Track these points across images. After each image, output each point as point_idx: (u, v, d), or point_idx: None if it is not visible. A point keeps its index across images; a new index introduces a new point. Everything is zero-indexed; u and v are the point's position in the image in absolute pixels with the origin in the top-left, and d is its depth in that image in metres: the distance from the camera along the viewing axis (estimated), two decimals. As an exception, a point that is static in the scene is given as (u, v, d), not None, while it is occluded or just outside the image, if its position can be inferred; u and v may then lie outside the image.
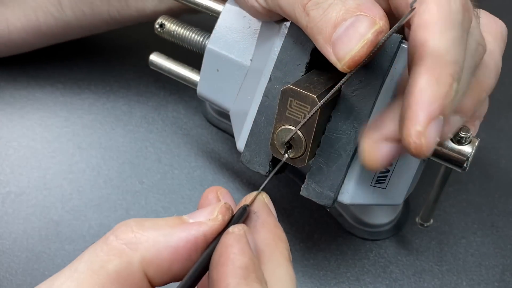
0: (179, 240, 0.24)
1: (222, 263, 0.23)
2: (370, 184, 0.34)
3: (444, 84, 0.27)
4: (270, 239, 0.26)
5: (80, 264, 0.24)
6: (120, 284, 0.23)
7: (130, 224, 0.25)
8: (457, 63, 0.27)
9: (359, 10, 0.27)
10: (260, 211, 0.27)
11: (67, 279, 0.24)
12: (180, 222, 0.25)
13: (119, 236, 0.24)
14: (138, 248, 0.24)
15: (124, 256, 0.24)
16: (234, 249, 0.24)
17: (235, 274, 0.23)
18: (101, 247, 0.24)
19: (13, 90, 0.51)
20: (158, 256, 0.24)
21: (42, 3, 0.46)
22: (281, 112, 0.30)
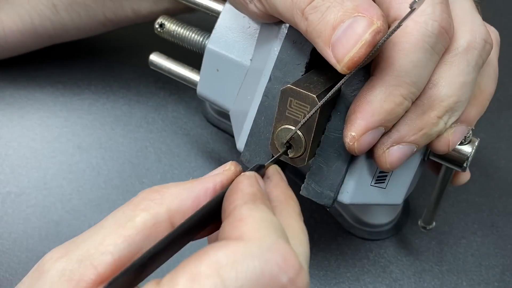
0: (199, 190, 0.26)
1: (232, 192, 0.25)
2: (370, 184, 0.34)
3: (392, 102, 0.29)
4: (282, 197, 0.28)
5: (105, 222, 0.25)
6: (145, 235, 0.24)
7: (153, 187, 0.26)
8: (413, 84, 0.29)
9: (356, 11, 0.27)
10: (273, 176, 0.29)
11: (93, 234, 0.25)
12: (198, 179, 0.27)
13: (144, 196, 0.26)
14: (163, 202, 0.25)
15: (151, 209, 0.25)
16: (243, 182, 0.26)
17: (243, 198, 0.25)
18: (127, 206, 0.25)
19: (13, 90, 0.51)
20: (182, 206, 0.25)
21: (36, 6, 0.46)
22: (281, 111, 0.30)
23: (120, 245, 0.24)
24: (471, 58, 0.31)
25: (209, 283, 0.21)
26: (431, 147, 0.33)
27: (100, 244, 0.24)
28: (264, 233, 0.23)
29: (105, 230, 0.24)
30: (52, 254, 0.24)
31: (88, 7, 0.46)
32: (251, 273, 0.21)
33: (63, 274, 0.23)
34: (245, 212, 0.24)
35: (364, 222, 0.45)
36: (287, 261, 0.22)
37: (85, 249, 0.24)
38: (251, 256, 0.22)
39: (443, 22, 0.29)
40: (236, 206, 0.24)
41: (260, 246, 0.22)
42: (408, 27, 0.29)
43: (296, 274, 0.22)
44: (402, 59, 0.29)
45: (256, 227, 0.23)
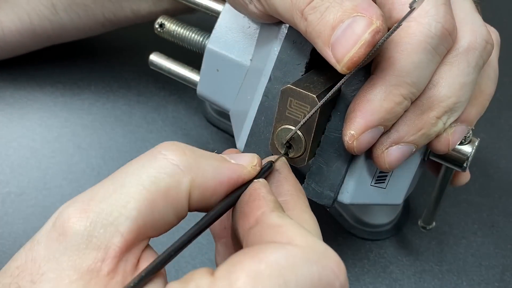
0: (224, 176, 0.26)
1: (254, 199, 0.25)
2: (370, 184, 0.34)
3: (391, 101, 0.29)
4: (293, 190, 0.28)
5: (126, 178, 0.24)
6: (167, 201, 0.24)
7: (181, 146, 0.25)
8: (413, 85, 0.29)
9: (355, 11, 0.27)
10: (282, 169, 0.29)
11: (113, 192, 0.24)
12: (224, 160, 0.27)
13: (169, 156, 0.25)
14: (190, 171, 0.25)
15: (176, 175, 0.24)
16: (263, 190, 0.26)
17: (267, 205, 0.25)
18: (150, 163, 0.24)
19: (13, 90, 0.51)
20: (204, 184, 0.25)
21: (35, 6, 0.46)
22: (281, 111, 0.30)
23: (144, 211, 0.23)
24: (472, 59, 0.31)
25: (272, 283, 0.21)
26: (431, 147, 0.33)
27: (124, 207, 0.23)
28: (312, 239, 0.23)
29: (128, 190, 0.23)
30: (70, 212, 0.23)
31: (87, 7, 0.46)
32: (311, 277, 0.22)
33: (90, 241, 0.22)
34: (277, 219, 0.24)
35: (364, 222, 0.45)
36: (340, 267, 0.23)
37: (109, 210, 0.23)
38: (310, 261, 0.22)
39: (447, 24, 0.29)
40: (264, 213, 0.24)
41: (316, 252, 0.23)
42: (411, 27, 0.29)
43: (345, 280, 0.23)
44: (403, 59, 0.29)
45: (302, 233, 0.23)
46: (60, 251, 0.23)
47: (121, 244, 0.23)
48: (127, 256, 0.23)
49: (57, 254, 0.23)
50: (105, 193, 0.24)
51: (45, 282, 0.22)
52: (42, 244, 0.23)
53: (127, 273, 0.23)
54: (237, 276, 0.21)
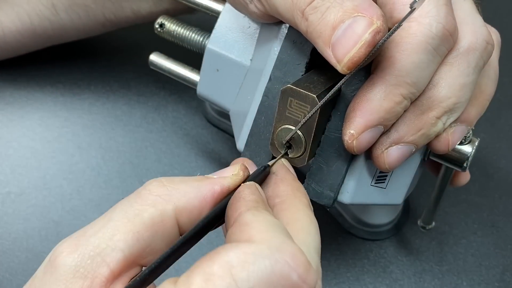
0: (206, 191, 0.27)
1: (235, 200, 0.26)
2: (370, 184, 0.34)
3: (391, 101, 0.29)
4: (288, 190, 0.28)
5: (113, 214, 0.25)
6: (153, 231, 0.25)
7: (161, 180, 0.27)
8: (413, 85, 0.29)
9: (356, 11, 0.27)
10: (279, 171, 0.30)
11: (102, 227, 0.25)
12: (206, 178, 0.28)
13: (152, 190, 0.26)
14: (171, 198, 0.26)
15: (159, 205, 0.25)
16: (245, 192, 0.26)
17: (246, 205, 0.25)
18: (135, 199, 0.26)
19: (13, 90, 0.51)
20: (189, 205, 0.26)
21: (36, 7, 0.46)
22: (281, 111, 0.30)
23: (129, 241, 0.24)
24: (472, 59, 0.31)
25: (223, 283, 0.22)
26: (431, 147, 0.33)
27: (110, 239, 0.24)
28: (271, 234, 0.23)
29: (114, 224, 0.25)
30: (62, 247, 0.25)
31: (87, 7, 0.46)
32: (262, 272, 0.22)
33: (77, 271, 0.24)
34: (250, 217, 0.24)
35: (364, 222, 0.45)
36: (296, 259, 0.23)
37: (96, 243, 0.24)
38: (261, 257, 0.22)
39: (448, 25, 0.29)
40: (241, 213, 0.25)
41: (269, 246, 0.23)
42: (411, 28, 0.29)
43: (305, 271, 0.23)
44: (403, 59, 0.29)
45: (262, 230, 0.23)
46: (51, 282, 0.24)
47: (107, 273, 0.24)
48: (114, 284, 0.24)
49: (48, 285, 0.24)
50: (95, 228, 0.25)
51: None
52: (38, 278, 0.25)
53: None
54: (193, 279, 0.22)
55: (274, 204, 0.27)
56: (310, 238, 0.26)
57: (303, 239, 0.25)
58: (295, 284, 0.22)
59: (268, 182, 0.29)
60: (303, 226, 0.26)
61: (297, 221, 0.26)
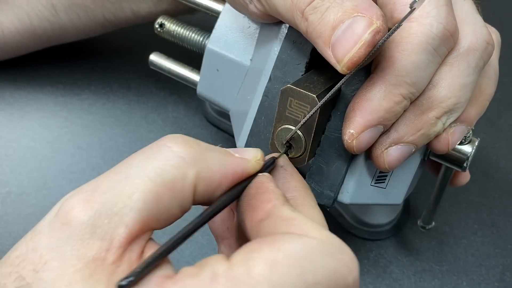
0: (228, 169, 0.26)
1: (262, 192, 0.26)
2: (370, 183, 0.34)
3: (391, 100, 0.29)
4: (300, 186, 0.28)
5: (130, 169, 0.24)
6: (173, 195, 0.24)
7: (186, 138, 0.25)
8: (413, 85, 0.29)
9: (356, 11, 0.27)
10: (286, 165, 0.29)
11: (117, 183, 0.23)
12: (229, 153, 0.26)
13: (175, 147, 0.24)
14: (195, 163, 0.24)
15: (182, 168, 0.24)
16: (270, 184, 0.26)
17: (278, 198, 0.25)
18: (155, 155, 0.24)
19: (13, 90, 0.51)
20: (210, 177, 0.25)
21: (35, 7, 0.46)
22: (281, 111, 0.30)
23: (149, 202, 0.23)
24: (472, 60, 0.31)
25: (290, 272, 0.21)
26: (431, 147, 0.33)
27: (129, 198, 0.23)
28: (327, 233, 0.23)
29: (132, 181, 0.23)
30: (73, 202, 0.23)
31: (87, 8, 0.46)
32: (327, 269, 0.22)
33: (94, 231, 0.22)
34: (291, 213, 0.24)
35: (364, 222, 0.45)
36: (354, 263, 0.23)
37: (113, 200, 0.23)
38: (327, 254, 0.22)
39: (448, 25, 0.29)
40: (276, 205, 0.25)
41: (333, 245, 0.23)
42: (412, 28, 0.29)
43: (357, 275, 0.23)
44: (404, 59, 0.29)
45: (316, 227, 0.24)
46: (63, 240, 0.22)
47: (126, 234, 0.22)
48: (132, 246, 0.23)
49: (60, 243, 0.22)
50: (109, 183, 0.24)
51: (48, 271, 0.22)
52: (44, 233, 0.23)
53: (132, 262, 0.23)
54: (254, 263, 0.21)
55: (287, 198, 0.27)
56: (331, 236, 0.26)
57: None
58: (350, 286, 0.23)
59: (276, 176, 0.29)
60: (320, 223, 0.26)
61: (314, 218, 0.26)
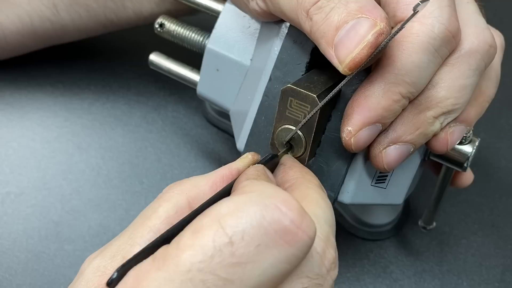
0: (216, 177, 0.27)
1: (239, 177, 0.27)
2: (371, 183, 0.34)
3: (389, 99, 0.29)
4: (298, 174, 0.29)
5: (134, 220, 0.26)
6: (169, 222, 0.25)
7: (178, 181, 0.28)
8: (413, 84, 0.29)
9: (360, 13, 0.27)
10: (286, 161, 0.30)
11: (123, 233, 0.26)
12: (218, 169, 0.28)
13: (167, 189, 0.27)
14: (183, 191, 0.27)
15: (172, 199, 0.26)
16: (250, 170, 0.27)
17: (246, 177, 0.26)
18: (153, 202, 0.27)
19: (13, 90, 0.51)
20: (200, 192, 0.27)
21: (36, 7, 0.46)
22: (281, 111, 0.30)
23: (146, 235, 0.25)
24: (473, 62, 0.31)
25: (210, 232, 0.21)
26: (430, 147, 0.33)
27: (130, 238, 0.25)
28: (263, 185, 0.23)
29: (133, 225, 0.26)
30: (89, 256, 0.26)
31: (89, 7, 0.46)
32: (252, 218, 0.21)
33: (98, 270, 0.24)
34: (248, 182, 0.25)
35: (364, 222, 0.45)
36: (287, 204, 0.22)
37: (117, 245, 0.25)
38: (251, 203, 0.22)
39: (451, 26, 0.29)
40: (240, 182, 0.25)
41: (260, 194, 0.22)
42: (414, 27, 0.29)
43: (299, 216, 0.22)
44: (404, 58, 0.29)
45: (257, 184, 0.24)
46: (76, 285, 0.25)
47: None
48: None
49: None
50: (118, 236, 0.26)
51: None
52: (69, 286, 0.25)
53: None
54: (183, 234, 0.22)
55: (285, 189, 0.28)
56: (321, 211, 0.26)
57: (313, 211, 0.25)
58: (288, 229, 0.22)
59: (277, 172, 0.29)
60: (313, 200, 0.26)
61: (307, 196, 0.26)
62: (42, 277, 0.41)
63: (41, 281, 0.41)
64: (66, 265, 0.42)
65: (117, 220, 0.44)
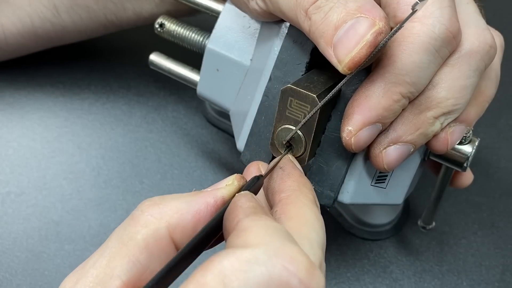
0: (200, 204, 0.26)
1: (232, 210, 0.25)
2: (370, 183, 0.34)
3: (389, 99, 0.29)
4: (295, 185, 0.27)
5: (109, 241, 0.25)
6: (149, 253, 0.24)
7: (153, 199, 0.26)
8: (413, 84, 0.29)
9: (359, 12, 0.28)
10: (286, 166, 0.29)
11: (100, 256, 0.25)
12: (199, 192, 0.27)
13: (144, 210, 0.25)
14: (163, 217, 0.25)
15: (151, 225, 0.25)
16: (241, 200, 0.25)
17: (244, 212, 0.24)
18: (128, 222, 0.25)
19: (13, 90, 0.51)
20: (182, 221, 0.25)
21: (37, 8, 0.46)
22: (281, 111, 0.30)
23: (126, 266, 0.24)
24: (473, 62, 0.31)
25: None
26: (430, 147, 0.33)
27: (108, 267, 0.24)
28: (269, 238, 0.22)
29: (110, 251, 0.24)
30: (65, 283, 0.24)
31: (89, 9, 0.46)
32: (258, 280, 0.21)
33: None
34: (248, 222, 0.23)
35: (364, 222, 0.45)
36: (296, 263, 0.21)
37: (95, 274, 0.24)
38: (257, 263, 0.21)
39: (451, 27, 0.29)
40: (239, 220, 0.24)
41: (266, 251, 0.21)
42: (415, 28, 0.29)
43: (308, 276, 0.21)
44: (404, 58, 0.29)
45: (261, 233, 0.22)
46: None
47: None
48: None
49: None
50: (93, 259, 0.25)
51: None
52: None
53: None
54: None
55: (280, 199, 0.27)
56: (315, 233, 0.25)
57: (307, 234, 0.24)
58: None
59: (274, 177, 0.29)
60: (307, 220, 0.25)
61: (301, 216, 0.25)
62: (42, 277, 0.41)
63: (41, 281, 0.41)
64: (66, 265, 0.42)
65: (117, 220, 0.44)
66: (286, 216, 0.25)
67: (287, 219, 0.25)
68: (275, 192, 0.28)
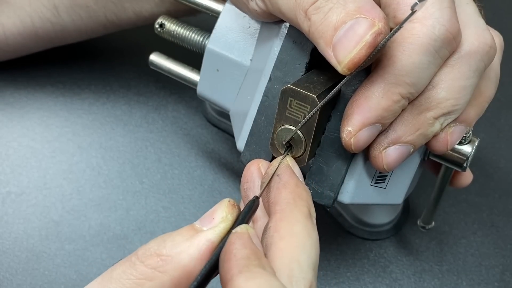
0: (199, 249, 0.25)
1: (227, 259, 0.24)
2: (370, 183, 0.34)
3: (389, 99, 0.29)
4: (290, 198, 0.27)
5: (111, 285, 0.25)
6: None
7: (152, 248, 0.26)
8: (412, 85, 0.29)
9: (358, 13, 0.28)
10: (283, 174, 0.29)
11: None
12: (194, 232, 0.26)
13: (146, 262, 0.25)
14: (166, 270, 0.25)
15: (156, 279, 0.25)
16: (236, 245, 0.25)
17: (237, 266, 0.24)
18: (130, 271, 0.25)
19: (13, 90, 0.51)
20: (185, 270, 0.25)
21: (37, 8, 0.46)
22: (281, 112, 0.30)
23: None
24: (473, 63, 0.31)
25: None
26: (430, 147, 0.33)
27: None
28: None
29: None
30: None
31: (89, 9, 0.46)
32: None
33: None
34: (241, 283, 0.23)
35: (364, 222, 0.45)
36: None
37: None
38: None
39: (451, 28, 0.29)
40: (233, 276, 0.24)
41: None
42: (414, 28, 0.29)
43: None
44: (404, 59, 0.29)
45: None
46: None
47: None
48: None
49: None
50: None
51: None
52: None
53: None
54: None
55: (275, 211, 0.27)
56: (305, 255, 0.25)
57: (297, 257, 0.25)
58: None
59: (271, 186, 0.28)
60: (299, 241, 0.25)
61: (293, 236, 0.25)
62: (43, 277, 0.41)
63: (41, 280, 0.41)
64: (67, 264, 0.42)
65: (118, 220, 0.44)
66: (279, 235, 0.25)
67: (279, 239, 0.25)
68: (271, 203, 0.28)
